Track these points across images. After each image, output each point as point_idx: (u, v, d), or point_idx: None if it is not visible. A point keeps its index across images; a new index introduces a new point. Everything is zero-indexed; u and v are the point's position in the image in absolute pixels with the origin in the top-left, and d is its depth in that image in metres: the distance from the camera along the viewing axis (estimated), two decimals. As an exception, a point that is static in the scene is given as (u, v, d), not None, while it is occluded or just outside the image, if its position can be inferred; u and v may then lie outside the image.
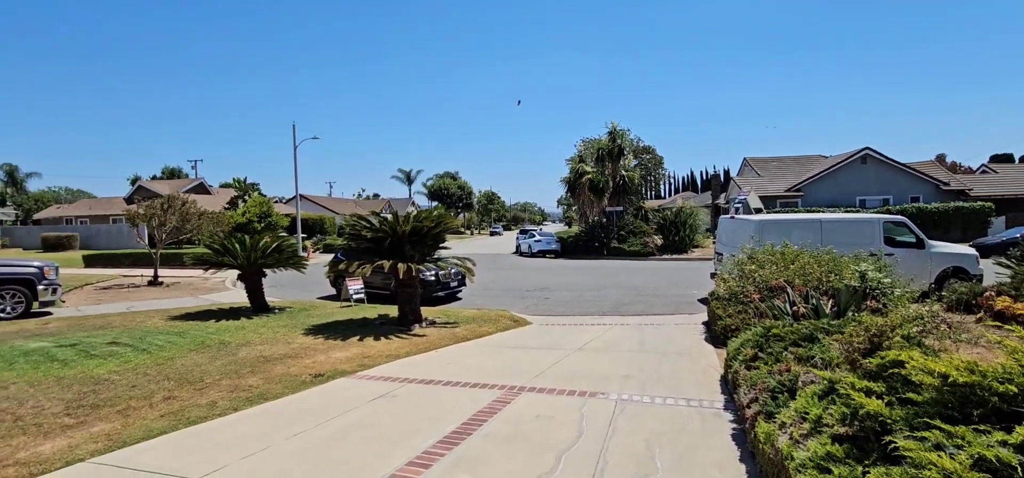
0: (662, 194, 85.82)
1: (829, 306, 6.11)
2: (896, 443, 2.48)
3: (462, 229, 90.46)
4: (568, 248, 33.44)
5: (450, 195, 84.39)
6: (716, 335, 8.07)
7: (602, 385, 5.91)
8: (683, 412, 5.01)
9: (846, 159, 32.67)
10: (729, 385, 5.52)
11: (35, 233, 39.83)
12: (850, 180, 32.02)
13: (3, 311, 11.41)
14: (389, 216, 9.93)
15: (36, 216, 49.56)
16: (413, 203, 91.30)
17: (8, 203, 54.12)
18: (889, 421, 2.71)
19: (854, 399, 2.93)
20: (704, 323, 9.79)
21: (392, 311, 11.23)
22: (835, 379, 3.47)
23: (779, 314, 6.47)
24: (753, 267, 8.93)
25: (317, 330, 9.76)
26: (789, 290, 6.77)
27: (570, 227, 58.34)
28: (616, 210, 32.82)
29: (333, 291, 15.57)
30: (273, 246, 11.99)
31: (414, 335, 9.27)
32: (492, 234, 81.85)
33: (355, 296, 13.24)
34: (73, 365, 7.18)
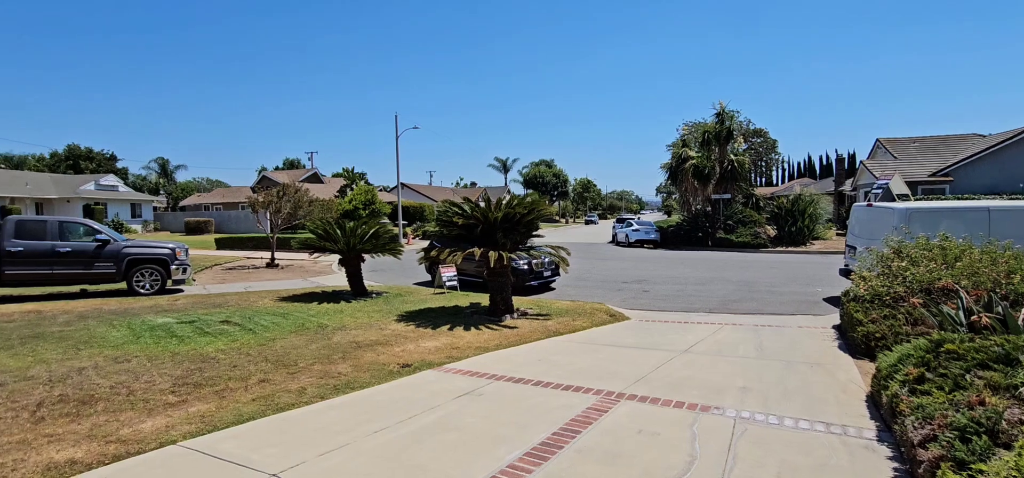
0: (775, 181, 79.18)
1: (1021, 318, 4.78)
2: None
3: (557, 217, 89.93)
4: (668, 238, 31.66)
5: (545, 183, 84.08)
6: (854, 343, 6.82)
7: (716, 397, 5.09)
8: (822, 440, 4.09)
9: (1014, 137, 27.41)
10: (882, 410, 4.47)
11: (180, 218, 45.28)
12: (1017, 162, 26.93)
13: (142, 287, 12.68)
14: (479, 202, 9.59)
15: (182, 203, 56.47)
16: (508, 191, 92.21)
17: (161, 192, 62.24)
18: None
19: None
20: (835, 327, 8.44)
21: (484, 299, 10.97)
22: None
23: (947, 324, 5.21)
24: (903, 264, 7.47)
25: (409, 317, 9.71)
26: (963, 294, 5.44)
27: (670, 216, 55.61)
28: (723, 197, 30.47)
29: (429, 277, 15.74)
30: (370, 232, 12.21)
31: (504, 326, 8.89)
32: (587, 223, 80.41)
33: (448, 283, 13.20)
34: (188, 342, 7.61)
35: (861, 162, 36.20)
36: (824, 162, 78.79)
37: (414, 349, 7.34)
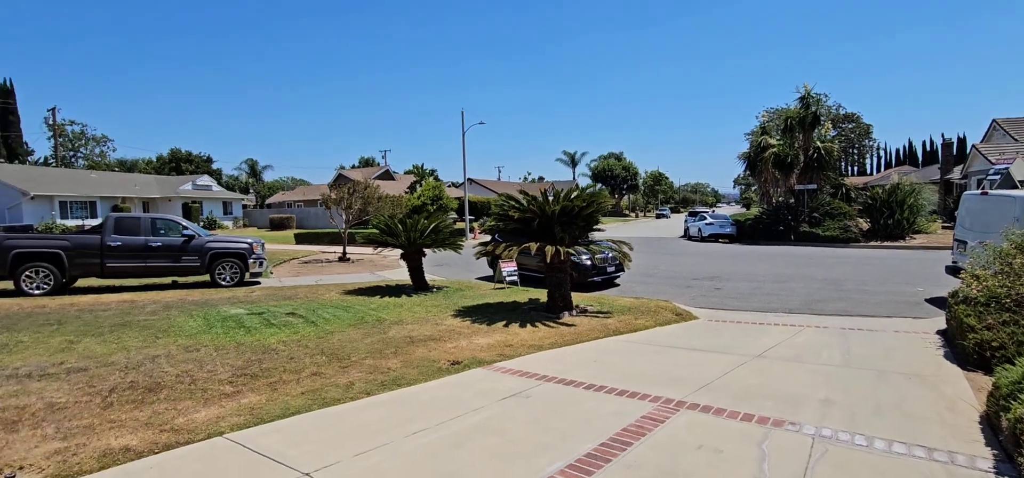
0: (869, 169, 72.84)
1: None
2: None
3: (626, 211, 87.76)
4: (745, 232, 29.80)
5: (614, 176, 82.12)
6: (964, 352, 5.90)
7: (792, 411, 4.50)
8: (922, 469, 3.46)
9: None
10: (1001, 435, 3.74)
11: (265, 215, 48.41)
12: None
13: (223, 279, 13.48)
14: (538, 195, 9.30)
15: (268, 201, 60.45)
16: (576, 185, 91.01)
17: (250, 191, 66.94)
18: None
19: None
20: (940, 333, 7.40)
21: (543, 295, 10.66)
22: None
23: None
24: (1028, 261, 6.37)
25: (466, 312, 9.60)
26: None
27: (748, 210, 52.57)
28: (808, 188, 28.23)
29: (491, 272, 15.66)
30: (431, 227, 12.25)
31: (562, 323, 8.55)
32: (658, 216, 77.82)
33: (508, 278, 13.02)
34: (254, 333, 7.89)
35: (973, 146, 32.34)
36: (928, 148, 71.53)
37: (466, 346, 7.18)
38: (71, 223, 30.76)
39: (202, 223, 41.09)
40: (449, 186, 55.74)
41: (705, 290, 12.85)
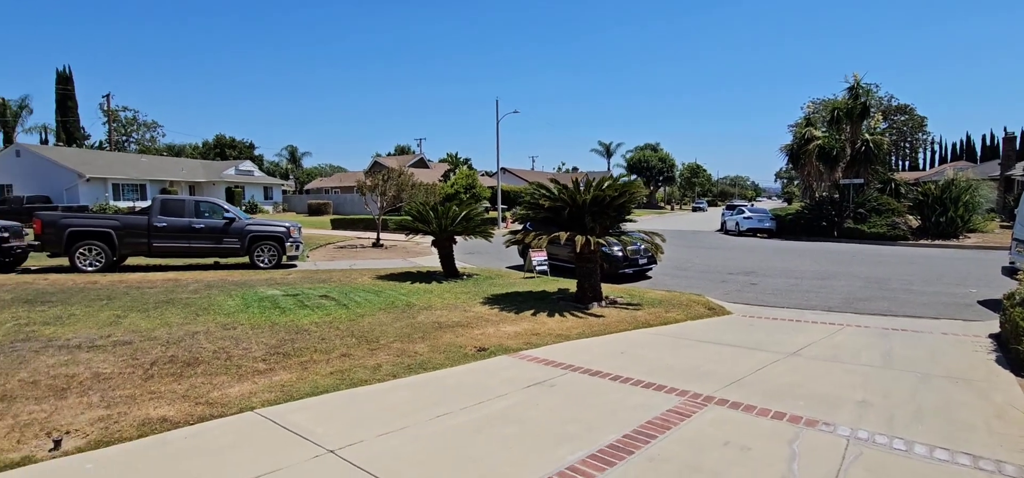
0: (921, 164, 69.43)
1: None
2: None
3: (661, 204, 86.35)
4: (785, 227, 28.90)
5: (650, 168, 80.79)
6: (1020, 358, 5.56)
7: (826, 411, 4.34)
8: (965, 477, 3.28)
9: None
10: (1056, 446, 3.50)
11: (304, 200, 49.75)
12: None
13: (262, 261, 13.91)
14: (569, 184, 9.21)
15: (306, 187, 62.01)
16: (610, 176, 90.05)
17: (290, 177, 68.84)
18: None
19: None
20: (993, 336, 7.00)
21: (573, 285, 10.59)
22: None
23: None
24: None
25: (494, 300, 9.63)
26: None
27: (790, 204, 50.92)
28: (854, 182, 27.09)
29: (522, 261, 15.66)
30: (462, 215, 12.31)
31: (590, 314, 8.47)
32: (695, 210, 76.25)
33: (538, 267, 12.98)
34: (288, 313, 8.11)
35: (1037, 141, 30.34)
36: (988, 143, 67.65)
37: (493, 333, 7.20)
38: (123, 205, 32.33)
39: (244, 207, 42.50)
40: (483, 175, 55.91)
41: (740, 285, 12.52)
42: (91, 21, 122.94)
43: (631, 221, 10.22)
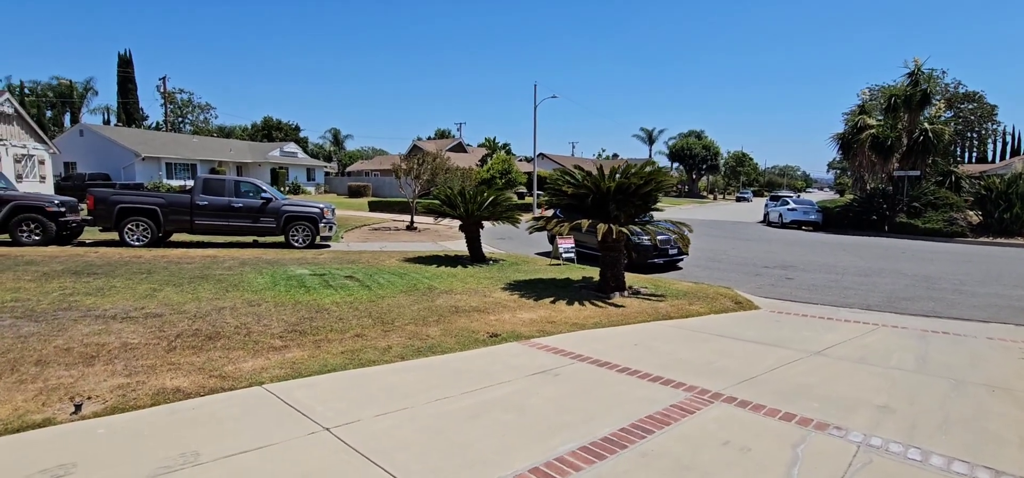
0: (990, 156, 64.87)
1: None
2: None
3: (703, 193, 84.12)
4: (832, 220, 27.67)
5: (693, 155, 78.67)
6: (1069, 368, 5.13)
7: (840, 415, 4.12)
8: (985, 494, 3.05)
9: None
10: (1093, 467, 3.21)
11: (344, 183, 50.96)
12: None
13: (297, 240, 14.34)
14: (594, 170, 9.04)
15: (347, 169, 63.45)
16: (652, 164, 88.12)
17: (333, 159, 70.59)
18: None
19: None
20: (1045, 343, 6.49)
21: (598, 274, 10.45)
22: None
23: None
24: None
25: (516, 286, 9.61)
26: None
27: (842, 196, 48.62)
28: (910, 174, 25.58)
29: (551, 248, 15.57)
30: (489, 200, 12.31)
31: (611, 304, 8.34)
32: (739, 200, 73.87)
33: (565, 255, 12.87)
34: (313, 292, 8.33)
35: (1122, 133, 27.81)
36: (1066, 133, 62.55)
37: (509, 319, 7.19)
38: (176, 183, 33.92)
39: (287, 188, 43.90)
40: (521, 160, 55.79)
41: (775, 279, 12.06)
42: (152, 4, 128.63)
43: (658, 210, 9.96)
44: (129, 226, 13.10)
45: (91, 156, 36.16)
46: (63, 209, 12.98)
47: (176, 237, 15.30)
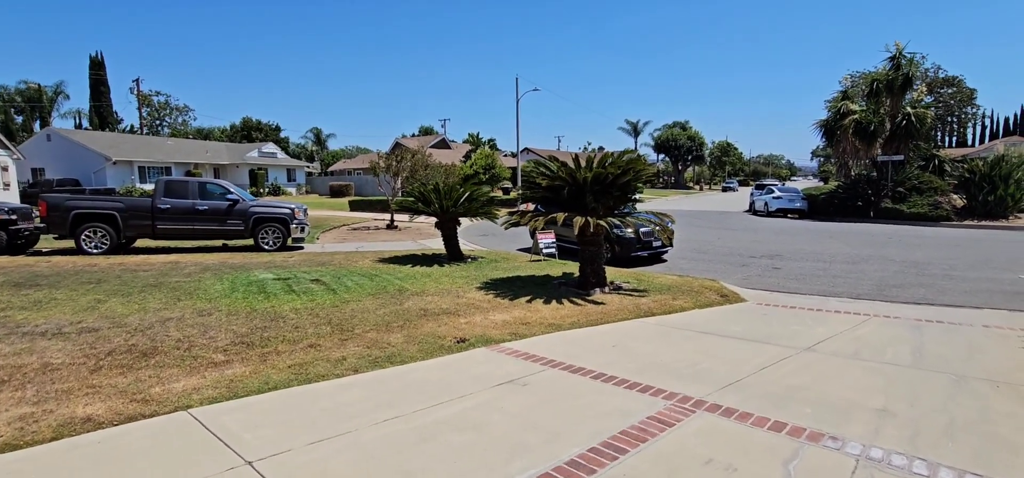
0: (970, 140, 65.62)
1: None
2: None
3: (690, 184, 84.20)
4: (818, 208, 27.53)
5: (679, 146, 78.60)
6: (1076, 359, 4.77)
7: (836, 421, 3.70)
8: (1004, 516, 2.63)
9: None
10: (1123, 478, 2.81)
11: (326, 182, 50.00)
12: None
13: (267, 243, 13.73)
14: (570, 161, 8.58)
15: (330, 169, 62.46)
16: (631, 152, 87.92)
17: (315, 159, 69.50)
18: None
19: None
20: (1044, 330, 6.16)
21: (579, 270, 10.02)
22: None
23: None
24: None
25: (492, 285, 9.13)
26: None
27: (826, 183, 48.75)
28: (893, 159, 25.47)
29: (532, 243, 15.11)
30: (465, 195, 11.81)
31: (590, 301, 7.90)
32: (725, 189, 73.96)
33: (545, 250, 12.41)
34: (272, 299, 7.78)
35: (1101, 113, 27.97)
36: (1043, 116, 63.47)
37: (480, 322, 6.71)
38: (149, 187, 32.93)
39: (267, 189, 42.97)
40: (507, 155, 55.23)
41: (762, 269, 11.70)
42: (123, 5, 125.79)
43: (640, 201, 9.52)
44: (86, 233, 12.41)
45: (60, 162, 35.01)
46: (14, 217, 12.26)
47: (141, 243, 14.61)
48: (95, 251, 12.41)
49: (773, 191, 30.62)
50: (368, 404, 4.07)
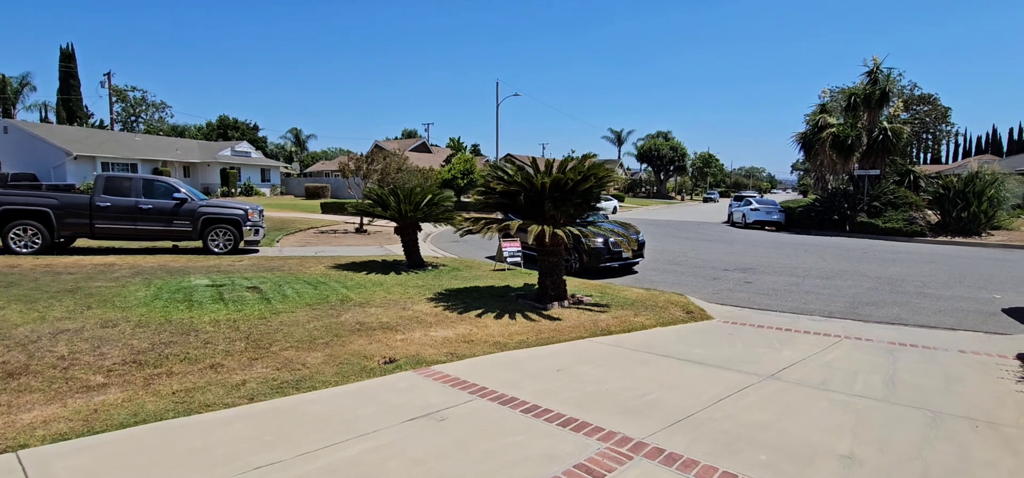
0: (944, 157, 66.83)
1: None
2: None
3: (672, 194, 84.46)
4: (795, 220, 27.39)
5: (661, 157, 78.72)
6: (1062, 395, 4.29)
7: (797, 471, 3.14)
8: None
9: None
10: None
11: (302, 183, 48.78)
12: None
13: (216, 245, 12.91)
14: (528, 167, 8.00)
15: (307, 170, 61.16)
16: (621, 165, 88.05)
17: (294, 160, 68.08)
18: None
19: None
20: (1021, 357, 5.73)
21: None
22: None
23: None
24: None
25: (446, 296, 8.50)
26: None
27: (805, 196, 49.05)
28: (869, 173, 25.42)
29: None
30: (426, 200, 11.16)
31: (546, 316, 7.31)
32: (706, 201, 74.18)
33: (510, 259, 11.80)
34: (195, 308, 7.05)
35: (1071, 133, 28.33)
36: (1015, 136, 64.97)
37: (419, 339, 6.07)
38: (111, 184, 31.59)
39: (239, 189, 41.70)
40: (489, 162, 54.58)
41: (734, 284, 11.24)
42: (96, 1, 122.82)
43: (598, 209, 8.99)
44: (15, 231, 11.48)
45: (18, 156, 33.50)
46: (-66, 213, 11.29)
47: (81, 243, 13.67)
48: (25, 251, 11.49)
49: (751, 203, 30.46)
50: (248, 444, 3.41)
